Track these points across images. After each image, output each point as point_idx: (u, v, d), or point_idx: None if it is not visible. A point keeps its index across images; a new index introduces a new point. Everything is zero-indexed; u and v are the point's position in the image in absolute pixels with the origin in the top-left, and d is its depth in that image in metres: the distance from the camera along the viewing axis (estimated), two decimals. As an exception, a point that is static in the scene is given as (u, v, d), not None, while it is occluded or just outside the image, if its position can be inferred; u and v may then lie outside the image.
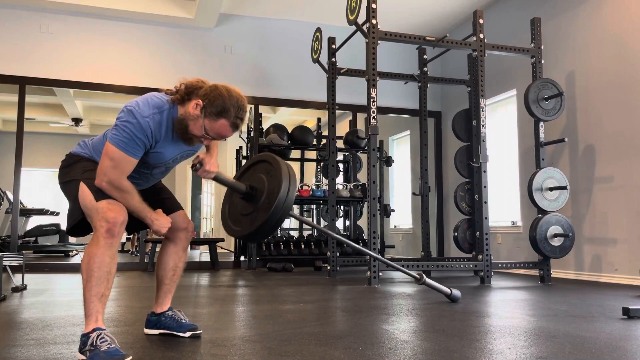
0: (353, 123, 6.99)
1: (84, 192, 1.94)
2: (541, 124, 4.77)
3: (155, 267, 2.28)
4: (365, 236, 6.73)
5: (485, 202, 4.54)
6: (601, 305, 3.17)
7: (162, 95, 2.01)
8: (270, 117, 9.07)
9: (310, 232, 7.88)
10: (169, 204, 2.21)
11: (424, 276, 3.13)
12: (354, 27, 4.57)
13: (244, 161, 7.31)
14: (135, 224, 2.10)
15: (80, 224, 2.00)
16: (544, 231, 4.50)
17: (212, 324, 2.33)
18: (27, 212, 8.50)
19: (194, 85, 1.98)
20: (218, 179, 2.16)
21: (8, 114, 9.78)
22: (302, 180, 7.93)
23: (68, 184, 2.03)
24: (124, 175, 1.92)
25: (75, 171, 2.02)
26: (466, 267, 4.54)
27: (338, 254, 5.28)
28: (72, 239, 8.67)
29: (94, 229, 1.88)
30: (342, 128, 7.52)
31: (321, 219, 7.87)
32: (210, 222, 10.98)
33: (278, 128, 6.68)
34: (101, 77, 6.19)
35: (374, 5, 4.39)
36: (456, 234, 5.43)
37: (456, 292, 3.23)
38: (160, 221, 2.02)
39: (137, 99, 1.95)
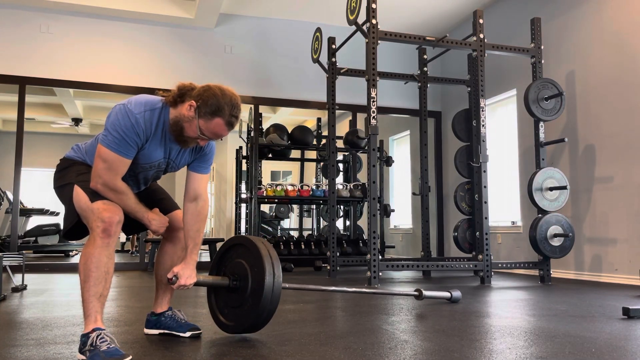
0: (353, 123, 6.99)
1: (79, 195, 1.93)
2: (541, 123, 4.77)
3: (154, 267, 2.29)
4: (365, 236, 6.73)
5: (485, 202, 4.54)
6: (601, 305, 3.17)
7: (155, 96, 2.01)
8: (271, 117, 9.08)
9: (310, 232, 7.88)
10: (165, 205, 2.21)
11: (423, 291, 3.11)
12: (354, 27, 4.56)
13: (244, 161, 7.31)
14: (133, 226, 2.10)
15: (76, 226, 2.00)
16: (544, 231, 4.50)
17: (212, 324, 2.33)
18: (27, 212, 8.50)
19: (187, 86, 1.96)
20: (198, 284, 2.11)
21: (8, 114, 9.78)
22: (302, 180, 7.93)
23: (63, 188, 2.03)
24: (118, 177, 1.92)
25: (70, 175, 2.02)
26: (466, 267, 4.54)
27: (338, 254, 5.27)
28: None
29: (90, 230, 1.87)
30: (342, 128, 7.53)
31: (321, 219, 7.87)
32: (210, 222, 10.98)
33: (278, 128, 6.67)
34: (101, 77, 6.19)
35: (374, 5, 4.39)
36: (456, 234, 5.43)
37: (456, 294, 3.22)
38: (158, 220, 2.02)
39: (127, 99, 1.95)
